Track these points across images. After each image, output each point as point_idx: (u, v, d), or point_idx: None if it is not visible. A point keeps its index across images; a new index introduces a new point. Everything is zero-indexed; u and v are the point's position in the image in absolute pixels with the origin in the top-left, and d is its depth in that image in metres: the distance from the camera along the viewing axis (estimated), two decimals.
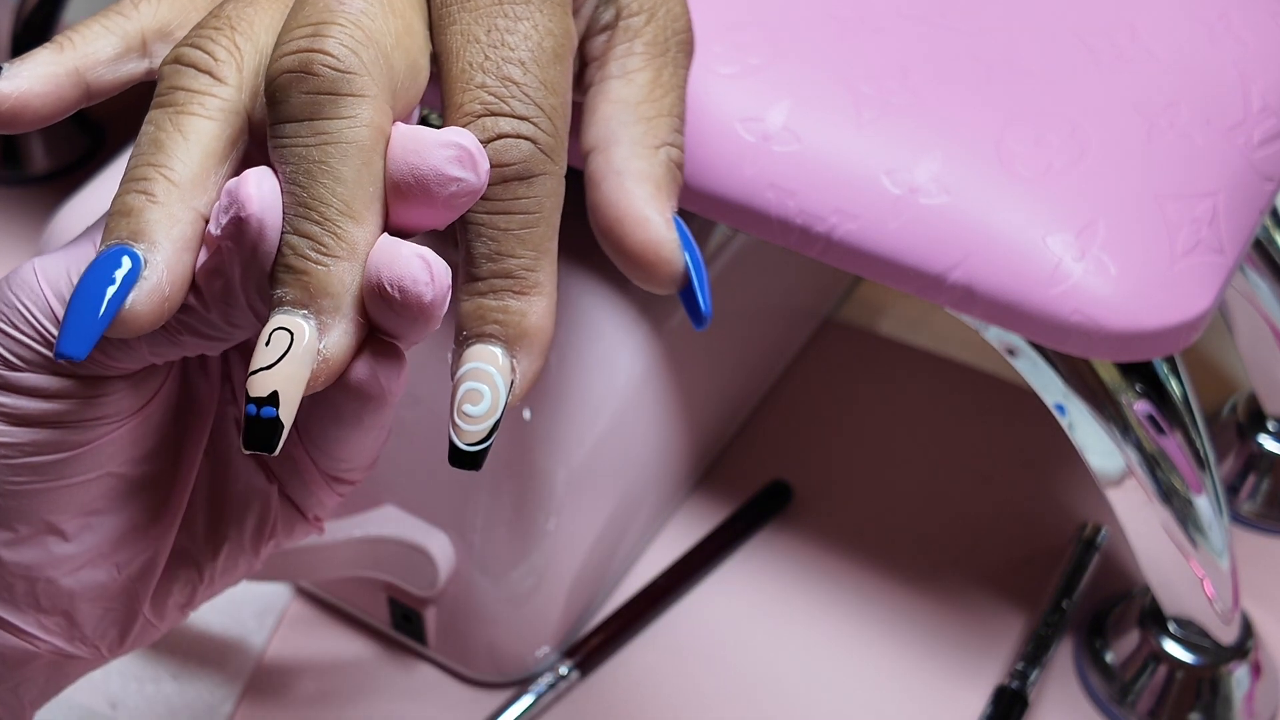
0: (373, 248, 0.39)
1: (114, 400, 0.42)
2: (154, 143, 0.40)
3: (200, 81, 0.40)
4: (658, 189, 0.45)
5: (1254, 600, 0.66)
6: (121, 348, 0.41)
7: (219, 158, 0.40)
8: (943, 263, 0.52)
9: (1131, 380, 0.55)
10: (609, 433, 0.61)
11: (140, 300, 0.38)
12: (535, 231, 0.40)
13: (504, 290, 0.40)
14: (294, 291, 0.38)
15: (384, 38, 0.40)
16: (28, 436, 0.41)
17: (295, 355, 0.38)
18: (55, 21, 0.82)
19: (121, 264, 0.38)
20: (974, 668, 0.65)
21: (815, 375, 0.75)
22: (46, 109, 0.42)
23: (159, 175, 0.39)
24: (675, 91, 0.47)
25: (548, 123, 0.41)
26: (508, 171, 0.40)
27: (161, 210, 0.39)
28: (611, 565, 0.66)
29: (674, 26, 0.47)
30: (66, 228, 0.63)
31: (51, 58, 0.42)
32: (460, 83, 0.41)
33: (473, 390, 0.40)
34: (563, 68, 0.42)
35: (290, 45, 0.39)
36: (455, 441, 0.40)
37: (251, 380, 0.38)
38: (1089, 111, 0.55)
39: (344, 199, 0.38)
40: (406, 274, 0.38)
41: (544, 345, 0.41)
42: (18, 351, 0.41)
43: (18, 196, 0.84)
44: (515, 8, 0.41)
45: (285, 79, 0.39)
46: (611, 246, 0.45)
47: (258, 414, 0.38)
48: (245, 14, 0.41)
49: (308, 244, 0.38)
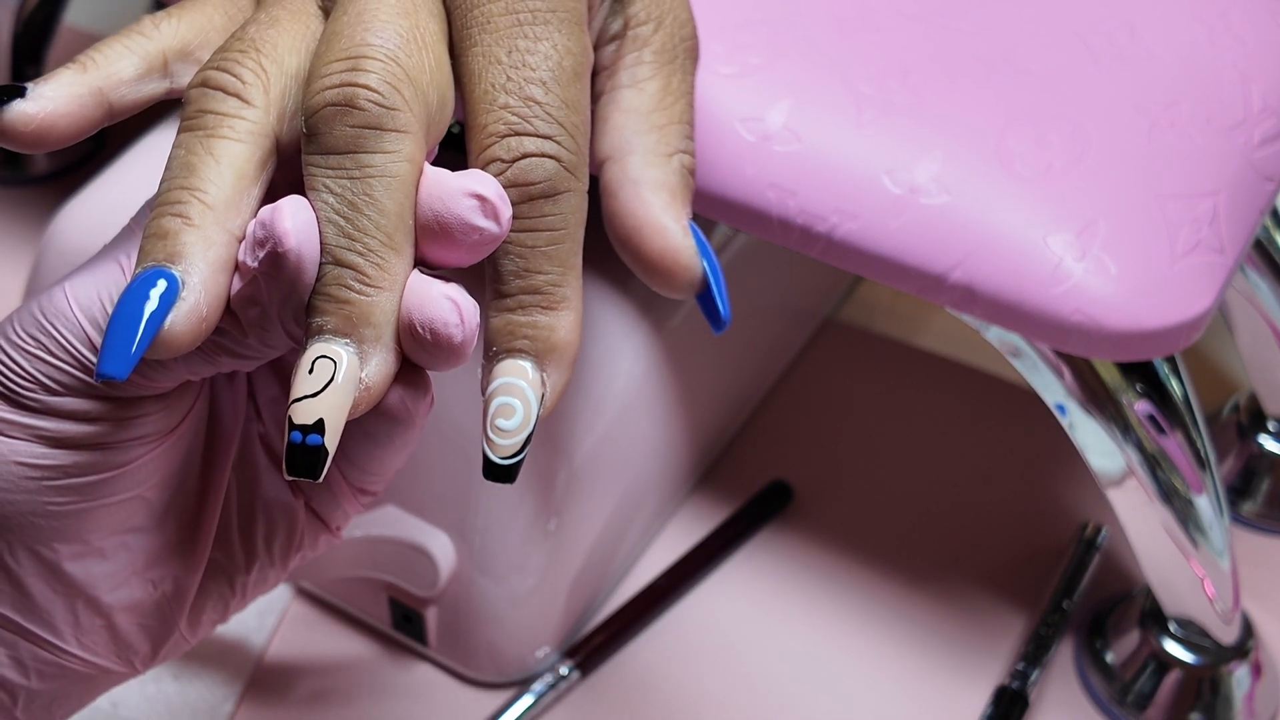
0: (406, 285, 0.40)
1: (150, 421, 0.42)
2: (186, 166, 0.40)
3: (229, 105, 0.40)
4: (673, 197, 0.46)
5: (1254, 600, 0.66)
6: (158, 368, 0.41)
7: (250, 180, 0.40)
8: (943, 262, 0.52)
9: (1132, 380, 0.55)
10: (609, 433, 0.61)
11: (179, 321, 0.39)
12: (561, 248, 0.41)
13: (532, 306, 0.41)
14: (335, 320, 0.39)
15: (420, 74, 0.40)
16: (68, 459, 0.42)
17: (339, 385, 0.39)
18: (55, 21, 0.82)
19: (159, 285, 0.39)
20: (974, 668, 0.65)
21: (815, 375, 0.75)
22: (71, 129, 0.43)
23: (193, 198, 0.39)
24: (685, 98, 0.47)
25: (570, 140, 0.41)
26: (533, 190, 0.41)
27: (197, 233, 0.39)
28: (612, 565, 0.66)
29: (681, 34, 0.48)
30: (66, 228, 0.63)
31: (74, 78, 0.43)
32: (484, 104, 0.41)
33: (505, 405, 0.41)
34: (582, 86, 0.42)
35: (330, 79, 0.40)
36: (489, 455, 0.40)
37: (296, 408, 0.39)
38: (1089, 111, 0.55)
39: (387, 231, 0.39)
40: (438, 316, 0.39)
41: (572, 358, 0.42)
42: (55, 377, 0.41)
43: (18, 197, 0.84)
44: (535, 29, 0.42)
45: (329, 111, 0.39)
46: (630, 255, 0.46)
47: (303, 441, 0.38)
48: (269, 36, 0.42)
49: (351, 274, 0.39)
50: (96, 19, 0.92)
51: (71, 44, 0.88)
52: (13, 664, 0.44)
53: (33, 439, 0.41)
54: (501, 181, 0.41)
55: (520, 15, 0.42)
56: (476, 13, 0.42)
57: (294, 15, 0.42)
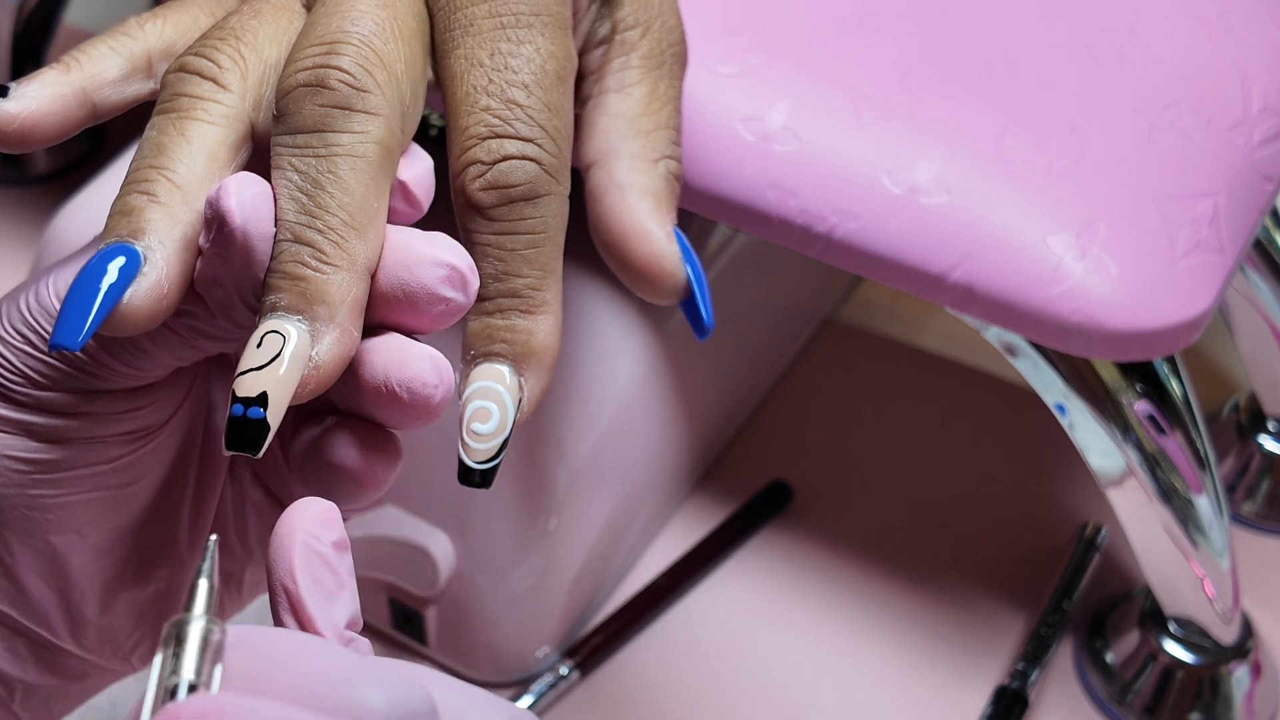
0: (382, 345, 0.40)
1: (139, 415, 0.42)
2: (156, 146, 0.40)
3: (204, 88, 0.40)
4: (658, 203, 0.46)
5: (1254, 600, 0.66)
6: (139, 355, 0.41)
7: (222, 163, 0.40)
8: (943, 262, 0.52)
9: (1132, 380, 0.55)
10: (609, 433, 0.61)
11: (138, 296, 0.38)
12: (541, 251, 0.41)
13: (511, 310, 0.41)
14: (289, 297, 0.39)
15: (394, 62, 0.40)
16: (58, 453, 0.41)
17: (285, 359, 0.38)
18: (55, 21, 0.82)
19: (118, 260, 0.38)
20: (974, 668, 0.65)
21: (815, 375, 0.75)
22: (54, 129, 0.43)
23: (161, 176, 0.39)
24: (672, 104, 0.47)
25: (551, 144, 0.41)
26: (513, 193, 0.41)
27: (163, 210, 0.39)
28: (611, 565, 0.66)
29: (669, 39, 0.48)
30: (66, 228, 0.63)
31: (58, 78, 0.43)
32: (465, 106, 0.41)
33: (481, 409, 0.41)
34: (565, 89, 0.42)
35: (304, 61, 0.40)
36: (464, 460, 0.40)
37: (240, 380, 0.38)
38: (1089, 112, 0.55)
39: (349, 210, 0.39)
40: (416, 376, 0.39)
41: (551, 363, 0.42)
42: (40, 370, 0.41)
43: (18, 197, 0.84)
44: (518, 31, 0.42)
45: (299, 92, 0.39)
46: (615, 260, 0.46)
47: (244, 414, 0.38)
48: (250, 25, 0.42)
49: (308, 251, 0.39)
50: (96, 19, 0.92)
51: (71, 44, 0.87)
52: (10, 658, 0.44)
53: (22, 433, 0.41)
54: (482, 183, 0.41)
55: (503, 18, 0.42)
56: (459, 15, 0.42)
57: (277, 9, 0.42)
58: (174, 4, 0.45)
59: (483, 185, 0.41)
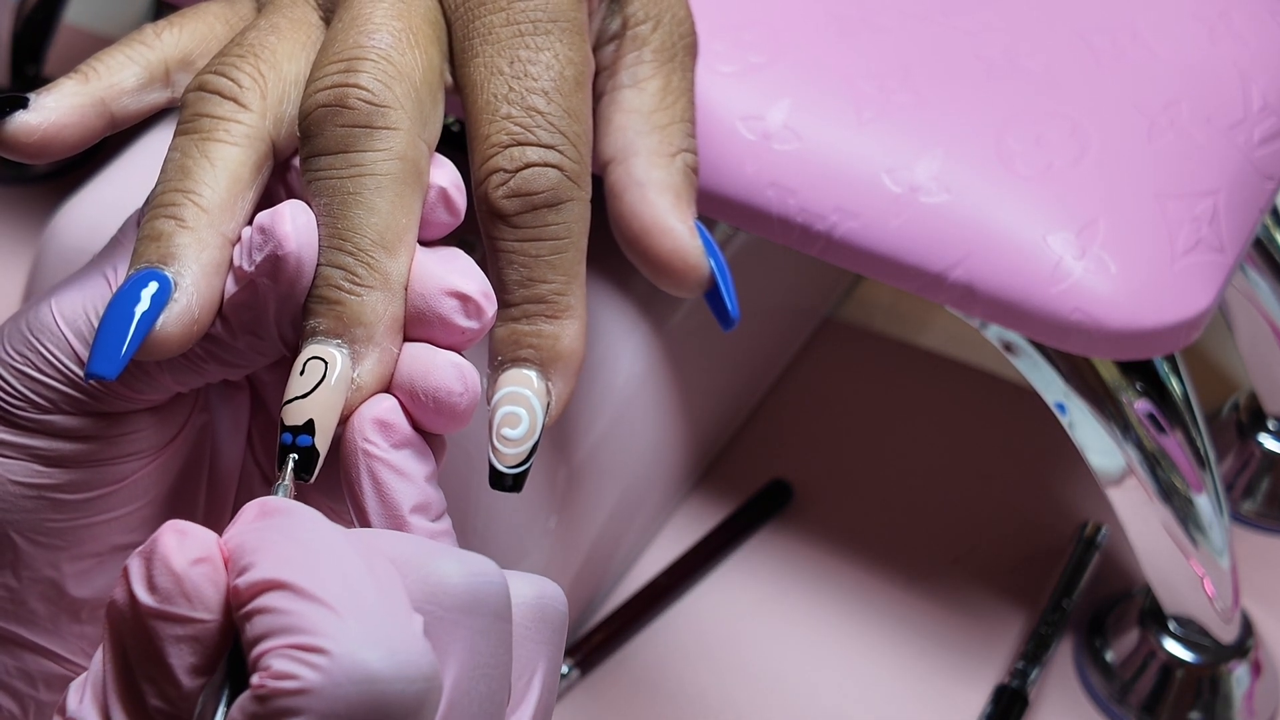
0: (408, 354, 0.40)
1: (142, 436, 0.42)
2: (181, 169, 0.40)
3: (225, 108, 0.41)
4: (678, 197, 0.46)
5: (1254, 599, 0.66)
6: (144, 379, 0.41)
7: (245, 184, 0.40)
8: (943, 261, 0.52)
9: (1132, 379, 0.55)
10: (609, 431, 0.61)
11: (170, 322, 0.39)
12: (565, 256, 0.42)
13: (537, 315, 0.41)
14: (327, 321, 0.39)
15: (413, 72, 0.41)
16: (64, 477, 0.42)
17: (329, 385, 0.39)
18: (55, 20, 0.82)
19: (150, 286, 0.39)
20: (974, 667, 0.65)
21: (815, 375, 0.75)
22: (74, 139, 0.43)
23: (187, 201, 0.40)
24: (685, 96, 0.48)
25: (573, 150, 0.42)
26: (536, 200, 0.41)
27: (191, 235, 0.39)
28: (611, 564, 0.66)
29: (679, 31, 0.48)
30: (66, 228, 0.63)
31: (77, 88, 0.43)
32: (486, 114, 0.42)
33: (511, 414, 0.41)
34: (584, 95, 0.43)
35: (324, 81, 0.40)
36: (495, 465, 0.41)
37: (287, 409, 0.39)
38: (1089, 110, 0.55)
39: (377, 229, 0.39)
40: (441, 385, 0.40)
41: (577, 366, 0.42)
42: (44, 394, 0.41)
43: (18, 196, 0.84)
44: (536, 39, 0.42)
45: (320, 113, 0.40)
46: (638, 256, 0.46)
47: (293, 442, 0.39)
48: (268, 42, 0.42)
49: (340, 274, 0.39)
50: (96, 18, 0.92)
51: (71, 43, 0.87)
52: (21, 676, 0.44)
53: (28, 458, 0.41)
54: (505, 191, 0.41)
55: (521, 25, 0.42)
56: (478, 23, 0.42)
57: (295, 23, 0.43)
58: (189, 12, 0.45)
59: (506, 193, 0.41)
